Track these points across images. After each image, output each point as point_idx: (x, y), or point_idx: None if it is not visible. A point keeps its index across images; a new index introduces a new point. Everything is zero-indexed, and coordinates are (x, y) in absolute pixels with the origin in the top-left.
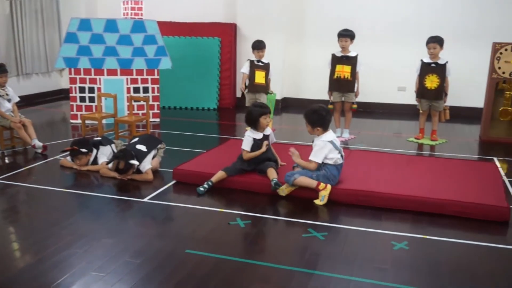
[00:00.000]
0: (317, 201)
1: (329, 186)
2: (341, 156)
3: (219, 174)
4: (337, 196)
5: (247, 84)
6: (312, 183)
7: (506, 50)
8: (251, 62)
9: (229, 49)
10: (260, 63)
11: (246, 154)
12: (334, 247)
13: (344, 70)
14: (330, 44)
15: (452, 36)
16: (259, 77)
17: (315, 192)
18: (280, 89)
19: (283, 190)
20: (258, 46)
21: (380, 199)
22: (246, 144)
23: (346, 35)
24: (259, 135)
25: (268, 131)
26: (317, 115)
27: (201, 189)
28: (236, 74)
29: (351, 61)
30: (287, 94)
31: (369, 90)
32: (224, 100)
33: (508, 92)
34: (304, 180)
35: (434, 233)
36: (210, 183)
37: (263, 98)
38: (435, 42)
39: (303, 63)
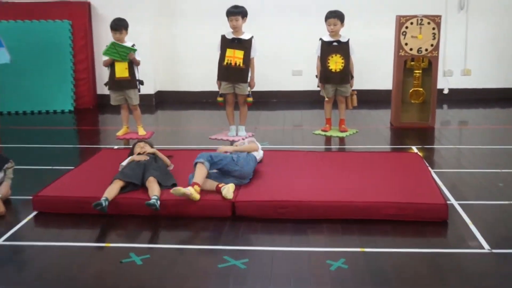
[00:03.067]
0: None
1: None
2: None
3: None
4: (249, 211)
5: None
6: (212, 184)
7: (411, 23)
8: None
9: (83, 34)
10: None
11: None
12: (260, 275)
13: (235, 56)
14: (217, 24)
15: (352, 11)
16: (120, 69)
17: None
18: (151, 81)
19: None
20: (114, 26)
21: (302, 209)
22: None
23: (236, 12)
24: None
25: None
26: None
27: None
28: (96, 65)
29: (244, 45)
30: (161, 87)
31: (259, 77)
32: (81, 99)
33: (417, 71)
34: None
35: (372, 244)
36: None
37: (131, 92)
38: (335, 17)
39: (180, 48)
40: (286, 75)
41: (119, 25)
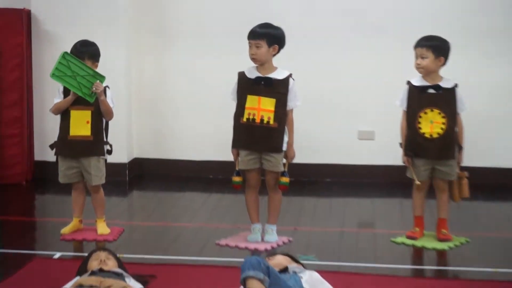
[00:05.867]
0: None
1: None
2: None
3: None
4: None
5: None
6: None
7: None
8: (64, 88)
9: (17, 62)
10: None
11: None
12: None
13: (262, 107)
14: (235, 51)
15: (465, 35)
16: (77, 123)
17: None
18: (124, 141)
19: None
20: (74, 53)
21: None
22: None
23: (258, 34)
24: None
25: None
26: None
27: None
28: (35, 112)
29: (276, 89)
30: (140, 153)
31: (302, 142)
32: (8, 169)
33: None
34: None
35: None
36: None
37: (91, 164)
38: (426, 47)
39: (173, 88)
40: (348, 139)
41: (82, 52)
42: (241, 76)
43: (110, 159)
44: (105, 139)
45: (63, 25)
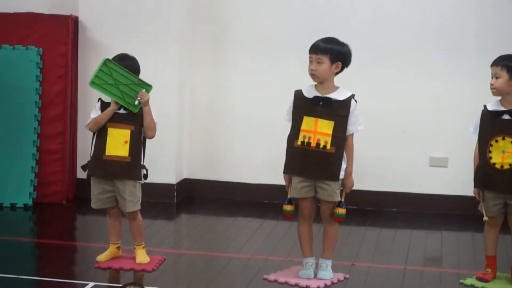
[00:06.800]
0: None
1: None
2: None
3: None
4: None
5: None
6: None
7: None
8: (102, 103)
9: (62, 73)
10: (121, 110)
11: None
12: None
13: (318, 130)
14: (291, 68)
15: None
16: (114, 141)
17: None
18: (173, 162)
19: None
20: None
21: None
22: None
23: (321, 49)
24: None
25: None
26: None
27: None
28: (79, 127)
29: (336, 111)
30: (190, 173)
31: (362, 168)
32: (48, 186)
33: None
34: None
35: None
36: None
37: (126, 189)
38: (501, 65)
39: (229, 108)
40: (417, 166)
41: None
42: (298, 95)
43: (158, 179)
44: (142, 162)
45: (113, 34)
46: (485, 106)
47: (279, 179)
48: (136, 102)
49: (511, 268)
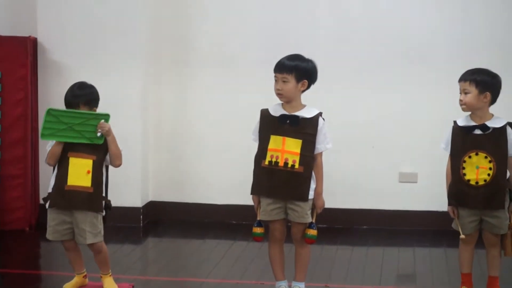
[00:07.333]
0: None
1: None
2: None
3: None
4: None
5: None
6: None
7: None
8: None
9: (21, 95)
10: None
11: None
12: None
13: (286, 149)
14: (257, 85)
15: None
16: (76, 171)
17: None
18: (138, 184)
19: None
20: (68, 99)
21: None
22: None
23: (285, 67)
24: None
25: None
26: None
27: None
28: (40, 151)
29: (304, 129)
30: (156, 195)
31: (331, 186)
32: (11, 213)
33: None
34: None
35: None
36: None
37: (87, 220)
38: (470, 81)
39: (192, 124)
40: (387, 182)
41: (77, 96)
42: (264, 114)
43: (123, 202)
44: (104, 193)
45: (74, 55)
46: (455, 122)
47: (247, 199)
48: (99, 134)
49: (487, 285)
